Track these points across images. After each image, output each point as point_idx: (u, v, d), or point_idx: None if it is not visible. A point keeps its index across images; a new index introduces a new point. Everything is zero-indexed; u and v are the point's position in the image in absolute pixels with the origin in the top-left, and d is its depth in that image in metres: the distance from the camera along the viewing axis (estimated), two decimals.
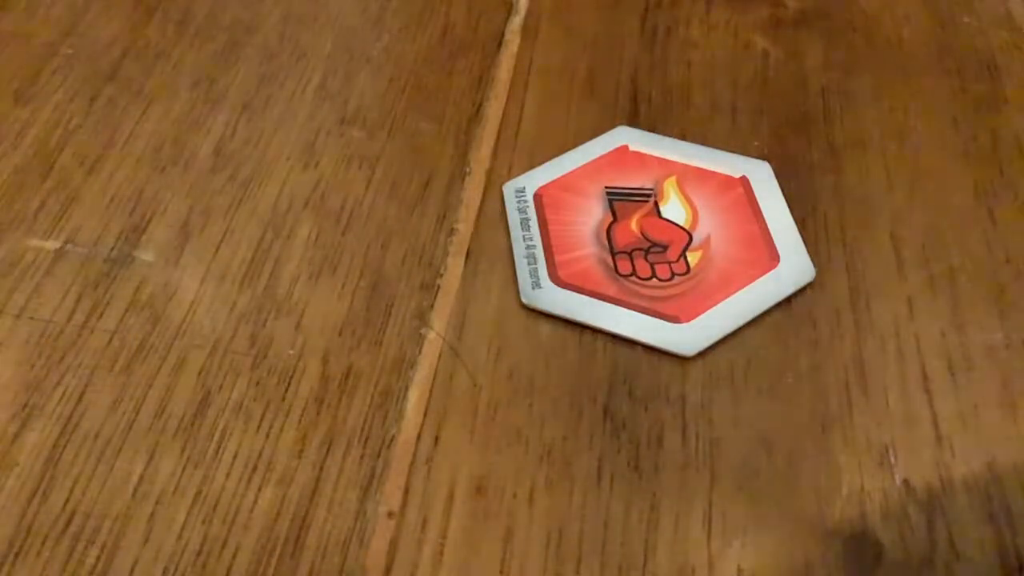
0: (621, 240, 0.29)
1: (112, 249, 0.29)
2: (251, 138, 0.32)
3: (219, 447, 0.25)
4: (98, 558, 0.23)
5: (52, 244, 0.29)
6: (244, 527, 0.23)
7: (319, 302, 0.28)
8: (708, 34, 0.35)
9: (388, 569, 0.23)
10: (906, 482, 0.24)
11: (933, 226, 0.29)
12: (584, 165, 0.31)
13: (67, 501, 0.24)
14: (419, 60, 0.34)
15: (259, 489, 0.24)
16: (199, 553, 0.23)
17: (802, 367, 0.26)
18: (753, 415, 0.25)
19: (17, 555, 0.23)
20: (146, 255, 0.29)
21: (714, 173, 0.30)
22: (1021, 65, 0.34)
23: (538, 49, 0.35)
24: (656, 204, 0.30)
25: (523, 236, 0.29)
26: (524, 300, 0.27)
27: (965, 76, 0.34)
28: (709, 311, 0.27)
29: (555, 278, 0.28)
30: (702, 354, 0.26)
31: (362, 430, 0.25)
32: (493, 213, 0.30)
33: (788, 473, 0.24)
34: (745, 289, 0.27)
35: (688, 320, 0.27)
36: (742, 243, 0.28)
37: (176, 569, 0.23)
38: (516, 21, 0.36)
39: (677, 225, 0.29)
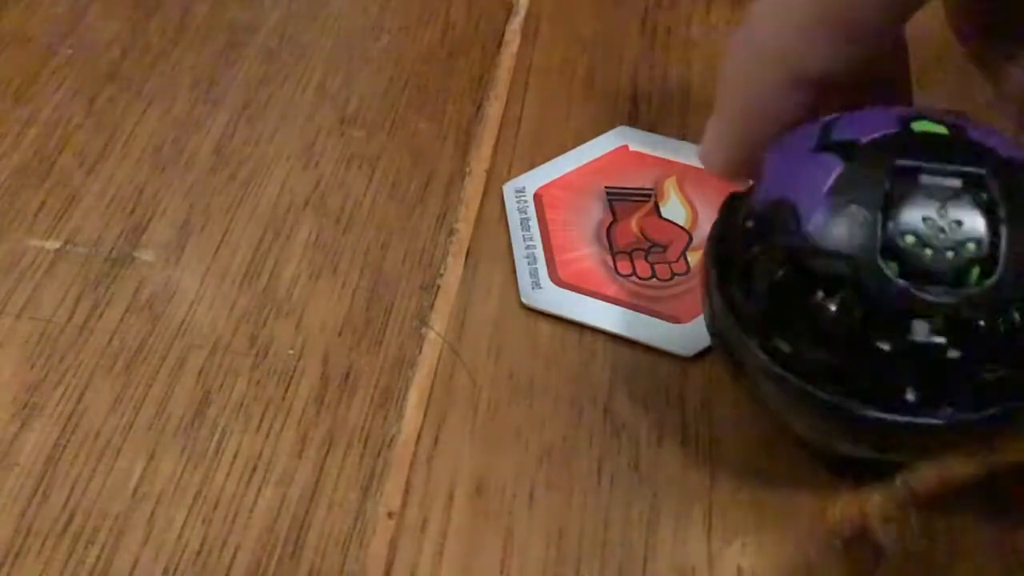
0: (621, 240, 0.29)
1: (112, 249, 0.29)
2: (251, 138, 0.32)
3: (219, 447, 0.25)
4: (98, 558, 0.23)
5: (52, 244, 0.29)
6: (244, 527, 0.23)
7: (319, 302, 0.28)
8: (708, 34, 0.35)
9: (388, 569, 0.23)
10: (906, 482, 0.24)
11: None
12: (584, 165, 0.31)
13: (67, 501, 0.24)
14: (419, 60, 0.34)
15: (259, 489, 0.24)
16: (199, 553, 0.23)
17: None
18: (753, 415, 0.25)
19: (17, 555, 0.23)
20: (146, 255, 0.29)
21: None
22: None
23: (538, 49, 0.35)
24: (656, 204, 0.30)
25: (523, 236, 0.29)
26: (524, 300, 0.27)
27: (965, 76, 0.34)
28: None
29: (555, 278, 0.28)
30: (702, 354, 0.26)
31: (362, 430, 0.25)
32: (493, 213, 0.30)
33: (788, 473, 0.24)
34: None
35: (688, 320, 0.27)
36: None
37: (176, 569, 0.23)
38: (516, 21, 0.36)
39: (677, 225, 0.29)
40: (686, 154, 0.31)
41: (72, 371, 0.26)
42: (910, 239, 0.19)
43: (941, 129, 0.20)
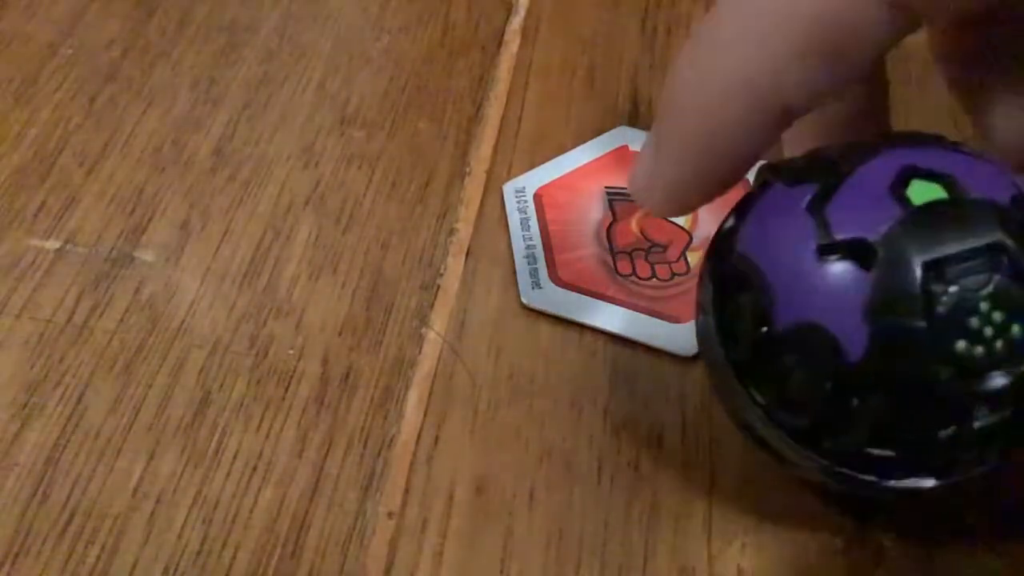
0: (621, 240, 0.29)
1: (112, 249, 0.29)
2: (251, 138, 0.32)
3: (219, 447, 0.25)
4: (98, 558, 0.23)
5: (52, 244, 0.29)
6: (244, 527, 0.23)
7: (319, 302, 0.28)
8: None
9: (388, 569, 0.23)
10: None
11: None
12: (584, 165, 0.31)
13: (67, 501, 0.24)
14: (419, 60, 0.34)
15: (259, 489, 0.24)
16: (199, 553, 0.23)
17: None
18: None
19: (17, 555, 0.23)
20: (146, 255, 0.29)
21: None
22: None
23: (538, 49, 0.35)
24: None
25: (523, 236, 0.29)
26: (524, 300, 0.27)
27: None
28: None
29: (555, 278, 0.28)
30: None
31: (362, 430, 0.25)
32: (493, 213, 0.30)
33: (788, 473, 0.24)
34: None
35: (688, 320, 0.27)
36: None
37: (176, 569, 0.23)
38: (516, 21, 0.36)
39: (677, 225, 0.29)
40: None
41: (72, 371, 0.26)
42: (961, 344, 0.18)
43: (939, 192, 0.19)
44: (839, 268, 0.19)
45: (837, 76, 0.19)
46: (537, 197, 0.30)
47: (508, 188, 0.30)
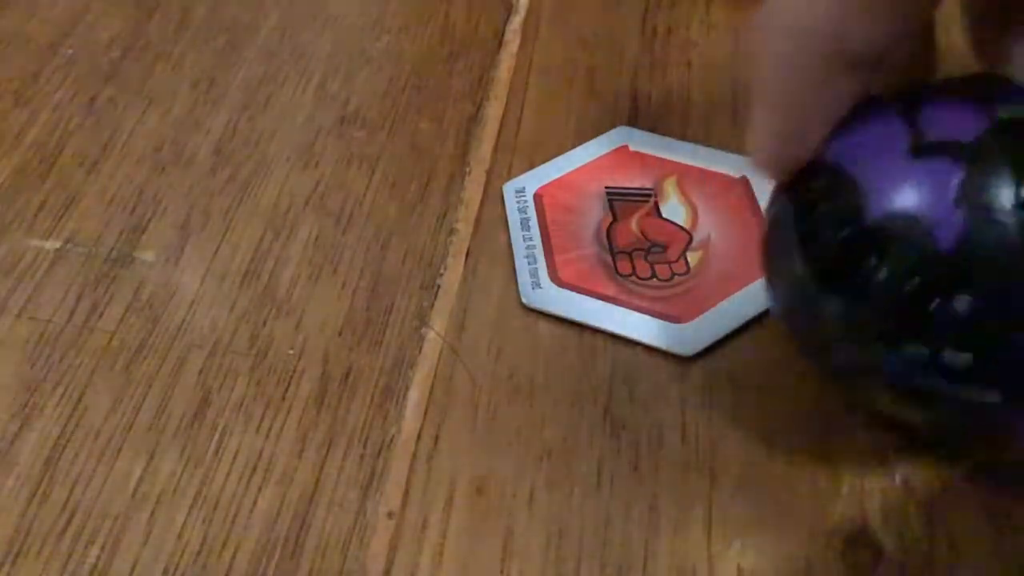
0: (621, 240, 0.29)
1: (112, 249, 0.29)
2: (251, 138, 0.32)
3: (219, 447, 0.25)
4: (98, 558, 0.23)
5: (52, 244, 0.29)
6: (244, 527, 0.23)
7: (319, 302, 0.28)
8: (708, 34, 0.35)
9: (388, 569, 0.23)
10: (906, 482, 0.24)
11: None
12: (584, 165, 0.31)
13: (67, 501, 0.24)
14: (419, 60, 0.34)
15: (259, 489, 0.24)
16: (199, 553, 0.23)
17: (802, 367, 0.26)
18: (753, 415, 0.25)
19: (17, 555, 0.23)
20: (146, 255, 0.29)
21: (714, 173, 0.30)
22: None
23: (538, 49, 0.35)
24: (656, 204, 0.30)
25: (523, 236, 0.29)
26: (524, 300, 0.27)
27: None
28: (709, 311, 0.27)
29: (555, 278, 0.28)
30: (702, 354, 0.26)
31: (362, 430, 0.25)
32: (493, 213, 0.30)
33: (788, 473, 0.24)
34: (745, 289, 0.27)
35: (688, 320, 0.27)
36: (742, 243, 0.28)
37: (176, 569, 0.23)
38: (516, 21, 0.36)
39: (677, 225, 0.29)
40: (686, 154, 0.31)
41: (72, 371, 0.26)
42: None
43: (1022, 111, 0.20)
44: (933, 162, 0.19)
45: (894, 25, 0.20)
46: (537, 197, 0.30)
47: (508, 188, 0.30)
